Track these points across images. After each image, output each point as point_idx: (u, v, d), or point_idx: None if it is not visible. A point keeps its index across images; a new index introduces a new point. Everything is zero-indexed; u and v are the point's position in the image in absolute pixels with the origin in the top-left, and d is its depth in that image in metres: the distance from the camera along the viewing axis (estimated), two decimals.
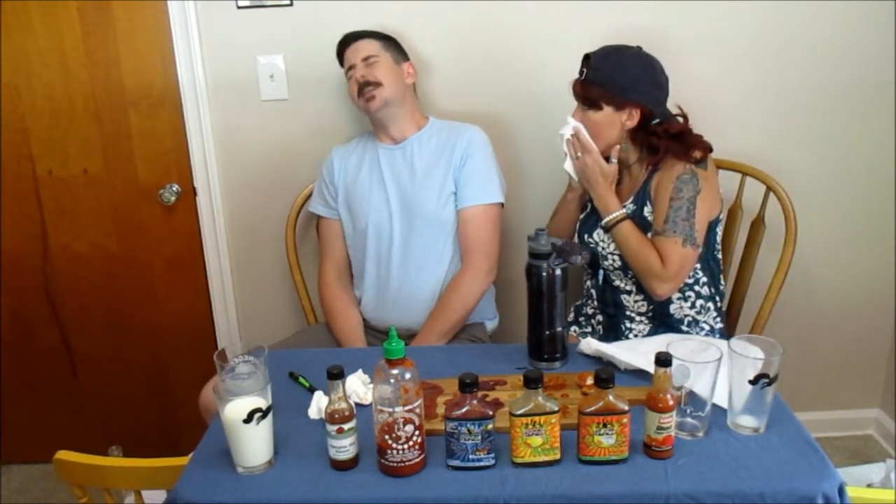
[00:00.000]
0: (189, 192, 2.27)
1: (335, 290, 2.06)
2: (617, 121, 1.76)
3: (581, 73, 1.78)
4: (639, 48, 1.79)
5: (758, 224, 2.04)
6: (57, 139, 2.21)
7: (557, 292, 1.53)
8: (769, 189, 2.00)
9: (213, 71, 2.16)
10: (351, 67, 1.97)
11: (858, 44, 2.13)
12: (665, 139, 1.76)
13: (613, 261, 1.83)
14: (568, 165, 1.85)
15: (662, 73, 1.78)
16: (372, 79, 1.93)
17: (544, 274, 1.51)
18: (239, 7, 2.10)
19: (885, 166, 2.25)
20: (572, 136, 1.80)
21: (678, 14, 2.09)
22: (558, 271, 1.51)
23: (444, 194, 1.95)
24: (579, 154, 1.80)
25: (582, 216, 1.95)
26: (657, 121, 1.76)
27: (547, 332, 1.55)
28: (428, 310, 1.96)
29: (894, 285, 2.37)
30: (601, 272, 1.89)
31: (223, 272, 2.34)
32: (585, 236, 1.90)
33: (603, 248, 1.84)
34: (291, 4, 2.10)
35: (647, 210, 1.79)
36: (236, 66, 2.15)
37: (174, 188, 2.25)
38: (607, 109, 1.75)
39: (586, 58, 1.78)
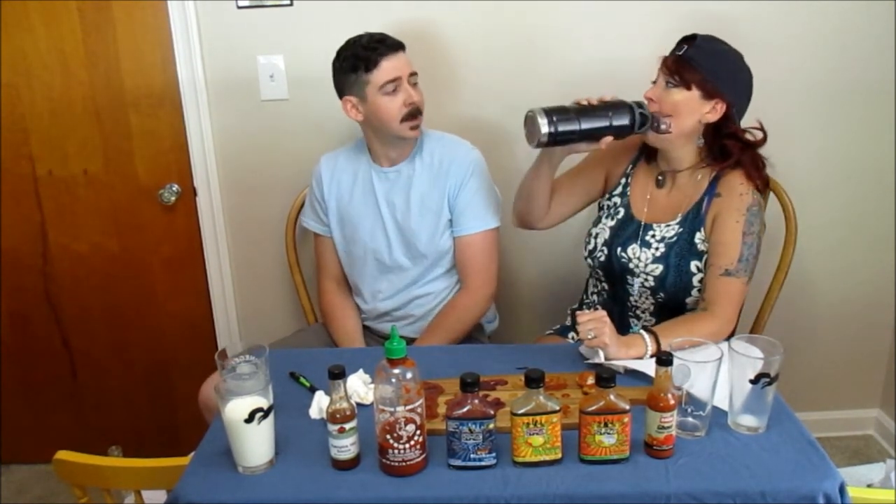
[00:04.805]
0: (189, 192, 2.27)
1: (333, 296, 2.04)
2: (699, 109, 1.64)
3: (680, 48, 1.65)
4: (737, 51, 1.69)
5: None
6: (57, 139, 2.21)
7: (608, 120, 1.61)
8: (769, 189, 2.00)
9: (213, 71, 2.16)
10: (394, 81, 1.77)
11: (858, 43, 2.13)
12: (740, 145, 1.68)
13: (646, 279, 1.73)
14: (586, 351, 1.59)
15: (752, 85, 1.70)
16: (421, 105, 1.82)
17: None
18: (239, 7, 2.10)
19: (885, 166, 2.26)
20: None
21: (678, 14, 2.09)
22: (626, 120, 1.62)
23: (441, 224, 1.90)
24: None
25: (613, 223, 1.79)
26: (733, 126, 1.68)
27: (570, 104, 1.61)
28: (426, 325, 1.96)
29: (894, 285, 2.37)
30: (631, 287, 1.76)
31: (223, 272, 2.34)
32: (619, 250, 1.74)
33: (636, 266, 1.73)
34: (291, 4, 2.10)
35: (699, 237, 1.68)
36: (236, 66, 2.15)
37: (174, 188, 2.25)
38: (694, 93, 1.62)
39: (690, 37, 1.65)
